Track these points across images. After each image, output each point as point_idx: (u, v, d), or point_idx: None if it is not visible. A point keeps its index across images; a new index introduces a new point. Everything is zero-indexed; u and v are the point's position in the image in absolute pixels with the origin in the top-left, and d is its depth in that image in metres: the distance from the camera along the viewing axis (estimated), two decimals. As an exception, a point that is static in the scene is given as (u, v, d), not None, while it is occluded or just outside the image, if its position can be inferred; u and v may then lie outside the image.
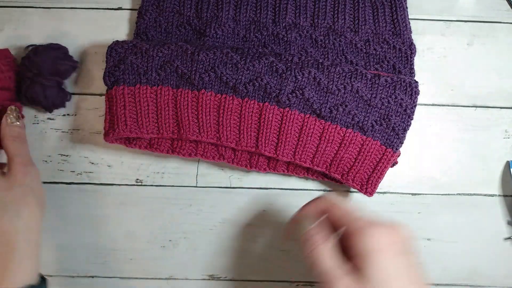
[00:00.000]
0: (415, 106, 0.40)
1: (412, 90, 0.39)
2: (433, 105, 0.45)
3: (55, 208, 0.44)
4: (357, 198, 0.45)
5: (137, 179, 0.45)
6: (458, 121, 0.45)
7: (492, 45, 0.46)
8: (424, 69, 0.45)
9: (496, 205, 0.45)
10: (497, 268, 0.45)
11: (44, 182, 0.44)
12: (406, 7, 0.44)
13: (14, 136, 0.39)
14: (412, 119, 0.40)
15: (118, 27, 0.45)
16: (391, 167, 0.43)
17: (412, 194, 0.44)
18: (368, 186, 0.41)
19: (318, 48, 0.44)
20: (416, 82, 0.40)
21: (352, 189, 0.45)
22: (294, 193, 0.45)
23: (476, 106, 0.45)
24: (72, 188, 0.44)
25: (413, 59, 0.44)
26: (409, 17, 0.45)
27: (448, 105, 0.45)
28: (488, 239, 0.45)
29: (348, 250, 0.32)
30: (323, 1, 0.44)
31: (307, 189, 0.45)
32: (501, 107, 0.45)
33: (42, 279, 0.36)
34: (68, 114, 0.45)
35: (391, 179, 0.45)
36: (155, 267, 0.45)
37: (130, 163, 0.45)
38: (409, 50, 0.43)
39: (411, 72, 0.43)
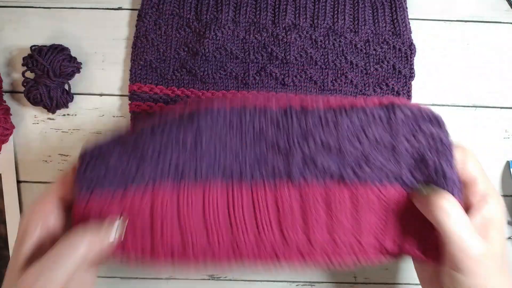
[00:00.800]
0: (447, 135, 0.32)
1: (437, 120, 0.32)
2: (433, 105, 0.45)
3: (55, 208, 0.44)
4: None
5: (137, 179, 0.45)
6: (458, 121, 0.45)
7: (492, 45, 0.46)
8: (424, 69, 0.45)
9: (496, 205, 0.45)
10: (497, 268, 0.45)
11: (44, 182, 0.45)
12: (406, 7, 0.44)
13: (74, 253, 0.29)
14: (452, 150, 0.32)
15: (118, 27, 0.45)
16: None
17: (412, 194, 0.44)
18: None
19: (318, 48, 0.44)
20: (438, 116, 0.33)
21: None
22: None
23: (476, 106, 0.45)
24: (72, 188, 0.44)
25: (413, 59, 0.44)
26: (409, 17, 0.45)
27: (448, 105, 0.45)
28: (488, 239, 0.45)
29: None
30: (323, 2, 0.44)
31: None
32: (501, 107, 0.45)
33: None
34: (68, 114, 0.45)
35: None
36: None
37: (130, 163, 0.45)
38: (409, 50, 0.43)
39: (411, 72, 0.43)
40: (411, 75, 0.43)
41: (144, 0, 0.44)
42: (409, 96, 0.43)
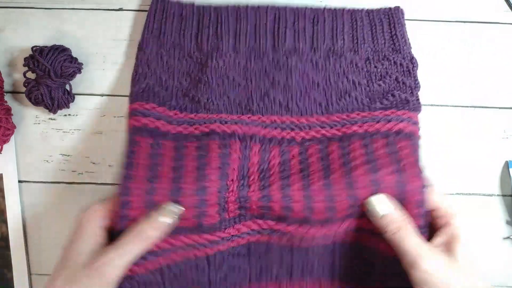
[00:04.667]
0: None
1: None
2: (432, 105, 0.45)
3: (56, 208, 0.45)
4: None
5: (138, 179, 0.45)
6: (457, 121, 0.45)
7: (491, 45, 0.46)
8: (424, 69, 0.45)
9: (495, 205, 0.45)
10: (496, 268, 0.45)
11: (45, 182, 0.45)
12: (404, 23, 0.44)
13: (142, 237, 0.34)
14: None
15: (119, 28, 0.45)
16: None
17: (412, 194, 0.45)
18: None
19: (319, 71, 0.43)
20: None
21: None
22: (294, 193, 0.45)
23: (475, 107, 0.45)
24: (74, 188, 0.45)
25: (416, 71, 0.43)
26: (409, 17, 0.45)
27: (448, 105, 0.46)
28: (487, 239, 0.45)
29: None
30: (322, 24, 0.44)
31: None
32: (500, 107, 0.45)
33: None
34: (69, 114, 0.45)
35: (391, 179, 0.45)
36: (155, 266, 0.45)
37: (131, 163, 0.45)
38: (411, 64, 0.43)
39: (416, 83, 0.43)
40: (416, 86, 0.43)
41: (144, 31, 0.44)
42: (418, 103, 0.42)
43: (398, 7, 0.45)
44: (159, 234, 0.34)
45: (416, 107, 0.42)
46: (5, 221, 0.44)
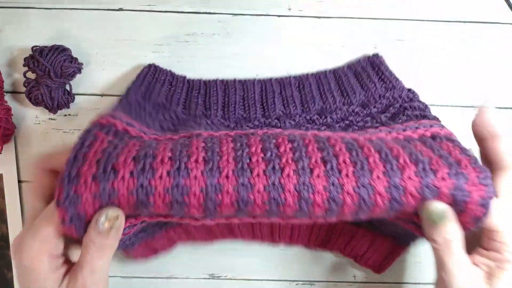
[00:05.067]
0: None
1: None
2: (432, 105, 0.45)
3: (56, 207, 0.45)
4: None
5: (138, 179, 0.45)
6: (457, 121, 0.45)
7: (491, 45, 0.46)
8: (424, 69, 0.45)
9: (495, 205, 0.45)
10: (496, 268, 0.45)
11: (46, 182, 0.45)
12: (388, 66, 0.44)
13: (98, 247, 0.29)
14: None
15: (119, 28, 0.46)
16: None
17: (412, 194, 0.45)
18: (380, 269, 0.44)
19: (315, 124, 0.42)
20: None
21: None
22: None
23: (475, 106, 0.45)
24: (73, 188, 0.45)
25: (418, 98, 0.42)
26: (410, 17, 0.45)
27: (448, 106, 0.46)
28: (487, 238, 0.45)
29: None
30: (308, 87, 0.43)
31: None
32: (500, 107, 0.46)
33: None
34: (69, 114, 0.45)
35: (391, 179, 0.45)
36: (155, 266, 0.46)
37: (131, 163, 0.45)
38: (411, 93, 0.42)
39: (424, 104, 0.41)
40: (425, 106, 0.41)
41: (130, 91, 0.42)
42: (436, 118, 0.39)
43: (377, 54, 0.44)
44: (115, 238, 0.30)
45: (436, 118, 0.39)
46: (5, 221, 0.44)
